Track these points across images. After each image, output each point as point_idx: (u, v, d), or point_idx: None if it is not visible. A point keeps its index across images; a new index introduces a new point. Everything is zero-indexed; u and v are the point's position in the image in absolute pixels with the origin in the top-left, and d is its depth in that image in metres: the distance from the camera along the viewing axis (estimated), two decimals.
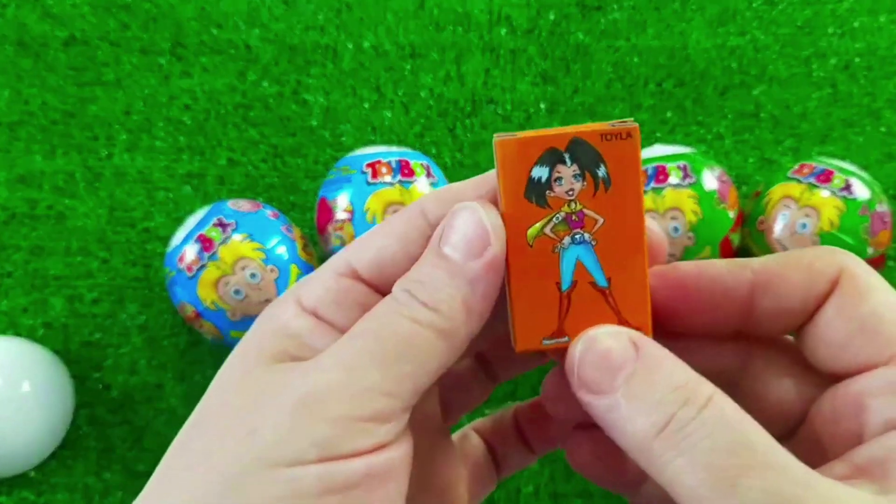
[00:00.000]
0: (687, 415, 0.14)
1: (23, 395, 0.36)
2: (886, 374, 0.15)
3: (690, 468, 0.13)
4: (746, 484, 0.12)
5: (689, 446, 0.13)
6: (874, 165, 0.45)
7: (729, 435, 0.13)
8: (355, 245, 0.17)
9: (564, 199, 0.16)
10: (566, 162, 0.16)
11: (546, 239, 0.16)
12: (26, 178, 0.44)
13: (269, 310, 0.17)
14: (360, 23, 0.47)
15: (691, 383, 0.14)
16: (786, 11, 0.48)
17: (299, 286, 0.17)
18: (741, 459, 0.13)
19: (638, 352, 0.15)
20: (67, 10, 0.47)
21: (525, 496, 0.39)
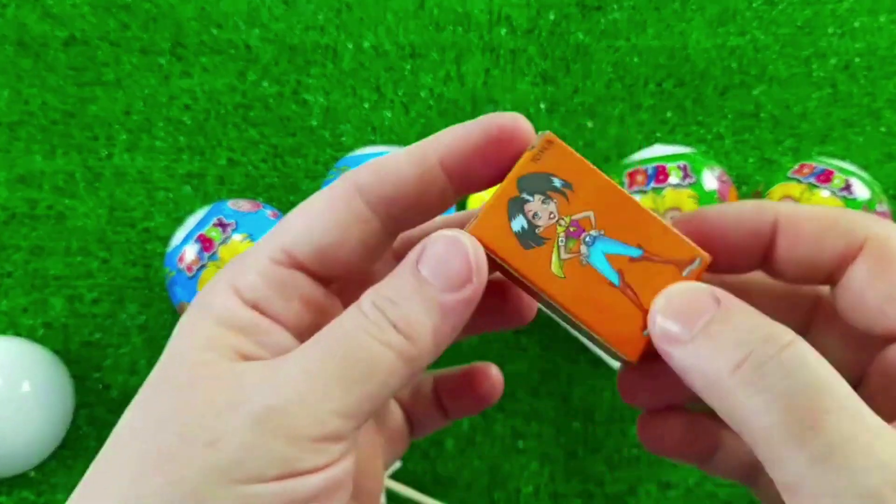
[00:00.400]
0: (767, 353, 0.13)
1: (23, 395, 0.36)
2: (860, 266, 0.15)
3: (766, 407, 0.13)
4: (824, 427, 0.12)
5: (768, 385, 0.13)
6: (874, 165, 0.45)
7: (809, 377, 0.13)
8: (288, 227, 0.17)
9: (553, 224, 0.17)
10: (529, 199, 0.17)
11: (569, 262, 0.17)
12: (26, 178, 0.44)
13: (205, 297, 0.17)
14: (360, 23, 0.47)
15: (772, 327, 0.14)
16: (786, 11, 0.48)
17: (232, 273, 0.17)
18: (820, 403, 0.13)
19: (719, 302, 0.15)
20: (67, 10, 0.47)
21: (525, 496, 0.39)
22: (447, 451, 0.39)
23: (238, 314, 0.16)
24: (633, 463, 0.39)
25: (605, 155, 0.45)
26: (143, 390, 0.16)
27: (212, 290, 0.17)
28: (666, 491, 0.39)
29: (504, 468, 0.39)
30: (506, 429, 0.40)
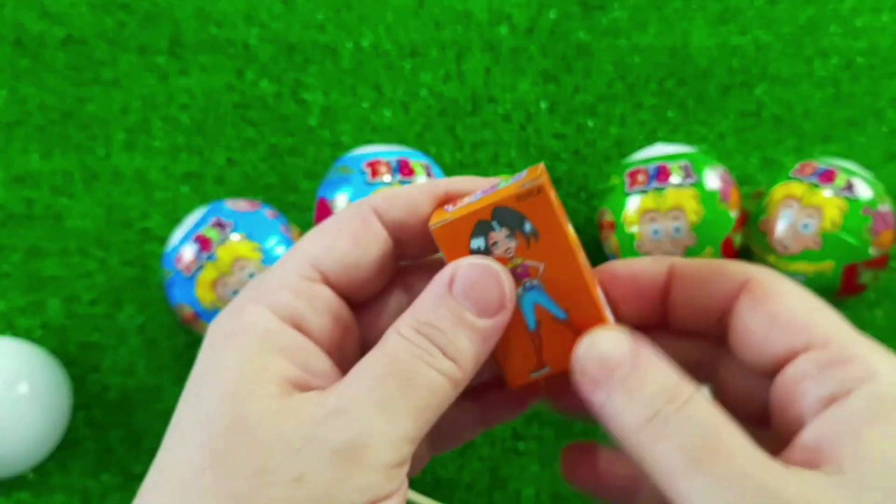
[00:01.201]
0: (671, 409, 0.16)
1: (20, 396, 0.36)
2: (807, 359, 0.16)
3: (670, 452, 0.15)
4: (716, 462, 0.15)
5: (671, 435, 0.16)
6: (877, 165, 0.45)
7: (702, 426, 0.15)
8: (310, 245, 0.18)
9: (506, 257, 0.18)
10: (496, 228, 0.18)
11: None
12: (23, 177, 0.43)
13: (239, 319, 0.17)
14: (359, 21, 0.47)
15: (676, 385, 0.16)
16: (788, 10, 0.48)
17: (260, 293, 0.17)
18: (714, 444, 0.15)
19: (633, 353, 0.17)
20: (65, 8, 0.47)
21: (526, 498, 0.39)
22: (447, 453, 0.39)
23: (281, 336, 0.17)
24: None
25: (606, 154, 0.45)
26: (195, 429, 0.16)
27: (242, 311, 0.17)
28: None
29: (504, 470, 0.39)
30: (506, 430, 0.40)
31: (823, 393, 0.16)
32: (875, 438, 0.15)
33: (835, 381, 0.16)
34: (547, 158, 0.45)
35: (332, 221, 0.18)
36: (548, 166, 0.45)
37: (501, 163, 0.45)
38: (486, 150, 0.45)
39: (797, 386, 0.16)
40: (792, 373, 0.16)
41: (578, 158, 0.45)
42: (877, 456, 0.14)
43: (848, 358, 0.16)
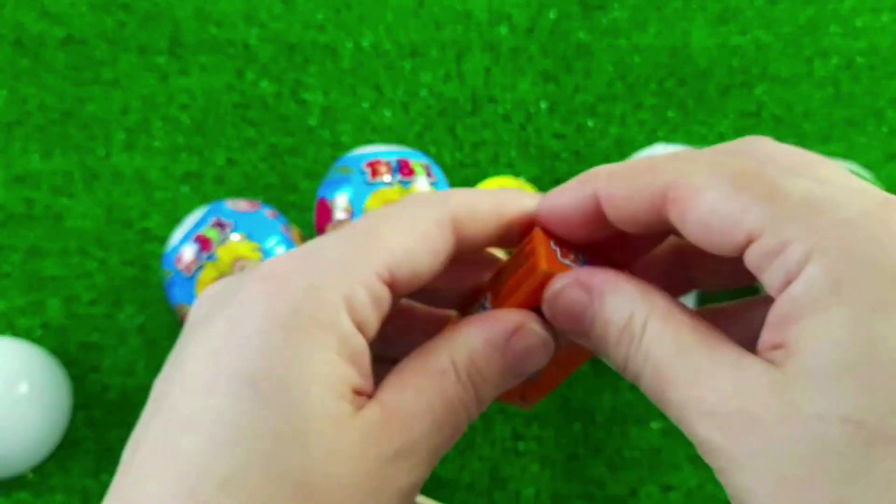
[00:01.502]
0: (632, 350, 0.17)
1: (20, 396, 0.36)
2: (751, 253, 0.16)
3: (647, 390, 0.17)
4: (672, 398, 0.16)
5: (638, 374, 0.17)
6: (876, 165, 0.45)
7: (656, 362, 0.17)
8: (390, 244, 0.17)
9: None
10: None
11: None
12: (24, 177, 0.43)
13: (319, 310, 0.16)
14: (359, 21, 0.47)
15: (631, 316, 0.17)
16: (787, 10, 0.48)
17: (343, 283, 0.16)
18: (666, 378, 0.16)
19: (591, 295, 0.18)
20: (65, 8, 0.47)
21: (525, 498, 0.39)
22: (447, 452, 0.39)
23: (355, 342, 0.16)
24: (634, 465, 0.39)
25: (606, 154, 0.45)
26: (253, 438, 0.15)
27: (324, 301, 0.16)
28: (667, 493, 0.39)
29: (504, 470, 0.39)
30: (506, 431, 0.40)
31: (777, 281, 0.16)
32: (814, 328, 0.15)
33: (781, 269, 0.15)
34: (547, 158, 0.45)
35: (412, 218, 0.18)
36: (548, 166, 0.45)
37: (501, 163, 0.45)
38: (486, 149, 0.45)
39: (760, 276, 0.16)
40: (749, 266, 0.16)
41: (578, 158, 0.45)
42: (816, 351, 0.15)
43: (785, 242, 0.15)
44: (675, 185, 0.17)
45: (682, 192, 0.17)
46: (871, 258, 0.15)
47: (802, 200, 0.16)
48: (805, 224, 0.15)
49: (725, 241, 0.16)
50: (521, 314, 0.18)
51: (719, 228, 0.16)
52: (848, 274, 0.15)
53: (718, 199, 0.16)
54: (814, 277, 0.15)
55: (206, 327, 0.16)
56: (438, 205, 0.18)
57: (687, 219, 0.17)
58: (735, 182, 0.16)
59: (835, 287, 0.15)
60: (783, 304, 0.15)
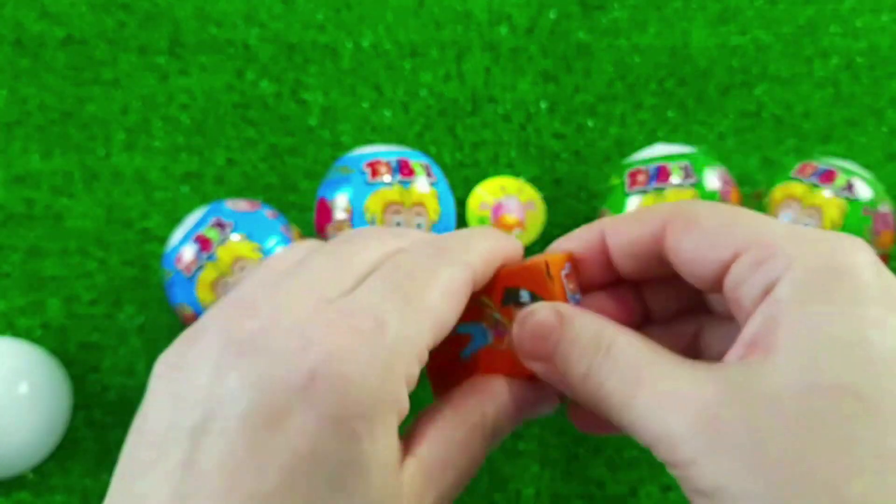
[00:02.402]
0: (599, 358, 0.18)
1: (20, 396, 0.36)
2: (736, 267, 0.18)
3: (609, 394, 0.18)
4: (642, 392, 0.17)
5: (603, 381, 0.18)
6: (877, 165, 0.45)
7: (625, 365, 0.17)
8: (437, 315, 0.18)
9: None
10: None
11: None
12: (23, 177, 0.43)
13: (391, 393, 0.16)
14: (359, 21, 0.47)
15: (598, 334, 0.18)
16: (787, 10, 0.48)
17: (408, 363, 0.17)
18: (635, 378, 0.17)
19: (560, 319, 0.19)
20: (65, 8, 0.47)
21: (525, 498, 0.39)
22: None
23: (404, 402, 0.17)
24: (634, 465, 0.39)
25: (606, 154, 0.45)
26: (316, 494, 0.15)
27: (395, 384, 0.16)
28: (667, 493, 0.39)
29: (504, 470, 0.39)
30: None
31: (756, 292, 0.17)
32: (798, 318, 0.15)
33: (762, 279, 0.17)
34: (547, 158, 0.45)
35: (445, 279, 0.19)
36: (548, 166, 0.45)
37: (501, 163, 0.45)
38: (486, 150, 0.45)
39: (736, 292, 0.17)
40: (730, 282, 0.18)
41: (578, 158, 0.45)
42: (800, 333, 0.15)
43: (770, 254, 0.17)
44: (675, 213, 0.19)
45: (681, 218, 0.19)
46: (844, 267, 0.16)
47: (785, 227, 0.18)
48: (787, 241, 0.17)
49: (714, 260, 0.18)
50: (546, 387, 0.20)
51: (710, 246, 0.18)
52: (824, 278, 0.16)
53: (712, 222, 0.18)
54: (795, 280, 0.16)
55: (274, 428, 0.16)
56: (465, 266, 0.19)
57: (682, 241, 0.19)
58: (728, 212, 0.18)
59: (815, 287, 0.16)
60: (765, 310, 0.16)
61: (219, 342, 0.17)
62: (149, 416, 0.17)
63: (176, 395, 0.17)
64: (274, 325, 0.16)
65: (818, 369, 0.15)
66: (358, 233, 0.20)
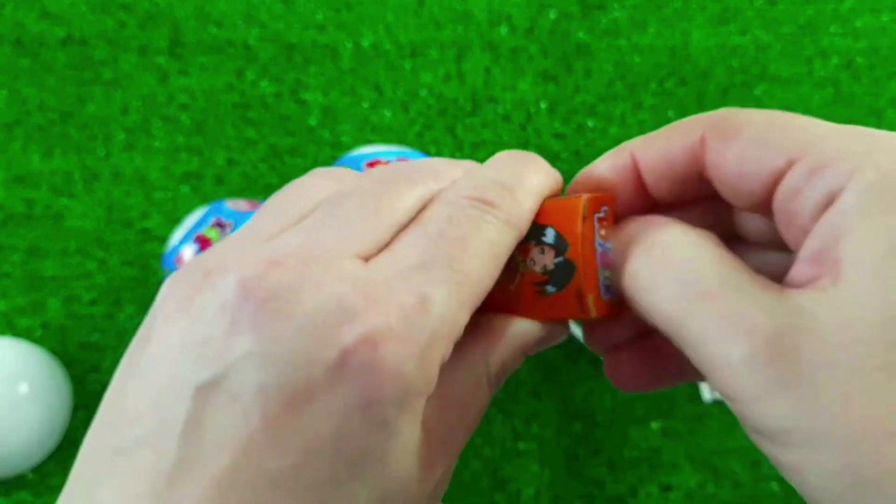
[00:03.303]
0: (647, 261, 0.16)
1: (20, 396, 0.36)
2: (791, 175, 0.15)
3: (664, 304, 0.16)
4: (699, 314, 0.15)
5: (660, 286, 0.16)
6: None
7: (682, 275, 0.16)
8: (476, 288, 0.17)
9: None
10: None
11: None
12: (24, 178, 0.43)
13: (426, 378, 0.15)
14: (359, 21, 0.47)
15: (647, 226, 0.17)
16: (787, 10, 0.48)
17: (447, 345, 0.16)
18: (696, 293, 0.15)
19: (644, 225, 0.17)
20: (65, 9, 0.47)
21: (525, 498, 0.39)
22: None
23: (434, 383, 0.16)
24: (634, 465, 0.39)
25: None
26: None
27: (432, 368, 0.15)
28: (667, 493, 0.39)
29: (504, 470, 0.39)
30: (506, 430, 0.40)
31: (816, 201, 0.15)
32: (870, 232, 0.14)
33: (823, 186, 0.15)
34: (547, 158, 0.45)
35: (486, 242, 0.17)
36: None
37: None
38: (486, 149, 0.45)
39: (791, 205, 0.16)
40: (783, 194, 0.16)
41: (578, 158, 0.45)
42: (874, 251, 0.14)
43: (830, 159, 0.15)
44: (715, 122, 0.17)
45: (722, 126, 0.17)
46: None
47: (836, 131, 0.15)
48: (845, 145, 0.15)
49: (763, 169, 0.16)
50: (552, 327, 0.18)
51: (758, 158, 0.16)
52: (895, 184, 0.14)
53: (758, 131, 0.16)
54: (862, 187, 0.14)
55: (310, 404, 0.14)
56: (514, 229, 0.17)
57: (726, 152, 0.16)
58: (773, 119, 0.16)
59: (887, 193, 0.14)
60: (828, 221, 0.14)
61: (237, 291, 0.14)
62: (143, 363, 0.15)
63: (182, 343, 0.14)
64: (304, 285, 0.14)
65: (894, 299, 0.13)
66: (396, 171, 0.18)
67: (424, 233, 0.16)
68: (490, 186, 0.17)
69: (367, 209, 0.16)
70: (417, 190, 0.17)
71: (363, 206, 0.17)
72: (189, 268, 0.16)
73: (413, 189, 0.17)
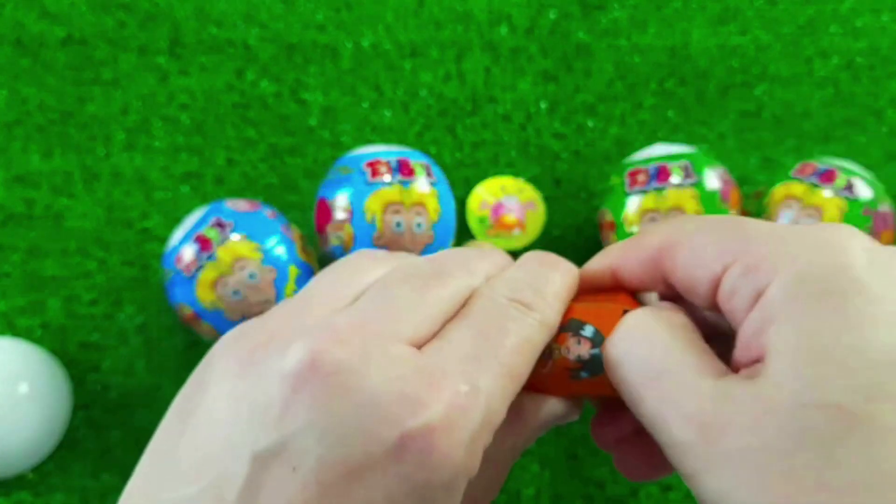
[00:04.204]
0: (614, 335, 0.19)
1: (20, 396, 0.36)
2: (726, 279, 0.18)
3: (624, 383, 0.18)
4: (650, 394, 0.17)
5: (623, 363, 0.18)
6: (876, 165, 0.45)
7: (643, 354, 0.18)
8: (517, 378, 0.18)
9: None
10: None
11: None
12: (23, 177, 0.43)
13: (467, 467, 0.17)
14: (359, 21, 0.47)
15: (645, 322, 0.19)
16: (787, 10, 0.48)
17: (488, 434, 0.17)
18: (652, 373, 0.17)
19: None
20: (65, 8, 0.47)
21: (526, 498, 0.39)
22: None
23: (478, 466, 0.18)
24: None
25: (607, 154, 0.45)
26: None
27: (474, 458, 0.17)
28: (667, 493, 0.39)
29: None
30: None
31: (747, 297, 0.17)
32: (788, 322, 0.15)
33: (752, 285, 0.17)
34: (547, 158, 0.45)
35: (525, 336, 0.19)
36: (548, 166, 0.45)
37: (501, 163, 0.45)
38: (486, 149, 0.45)
39: (729, 303, 0.18)
40: (722, 294, 0.18)
41: (578, 158, 0.45)
42: (790, 342, 0.15)
43: (757, 260, 0.17)
44: (667, 235, 0.20)
45: (672, 239, 0.19)
46: (833, 264, 0.16)
47: (772, 229, 0.18)
48: (771, 248, 0.17)
49: (704, 276, 0.18)
50: (573, 406, 0.21)
51: (700, 263, 0.18)
52: (813, 278, 0.16)
53: (700, 239, 0.19)
54: (783, 283, 0.16)
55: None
56: (546, 327, 0.19)
57: (675, 261, 0.19)
58: (716, 224, 0.19)
59: (804, 288, 0.16)
60: (756, 315, 0.16)
61: (303, 361, 0.15)
62: (198, 418, 0.15)
63: (242, 405, 0.15)
64: (367, 366, 0.15)
65: (809, 385, 0.14)
66: (437, 262, 0.19)
67: (473, 326, 0.18)
68: (526, 290, 0.19)
69: (417, 297, 0.18)
70: (456, 283, 0.19)
71: (413, 292, 0.18)
72: (250, 328, 0.17)
73: (453, 281, 0.19)
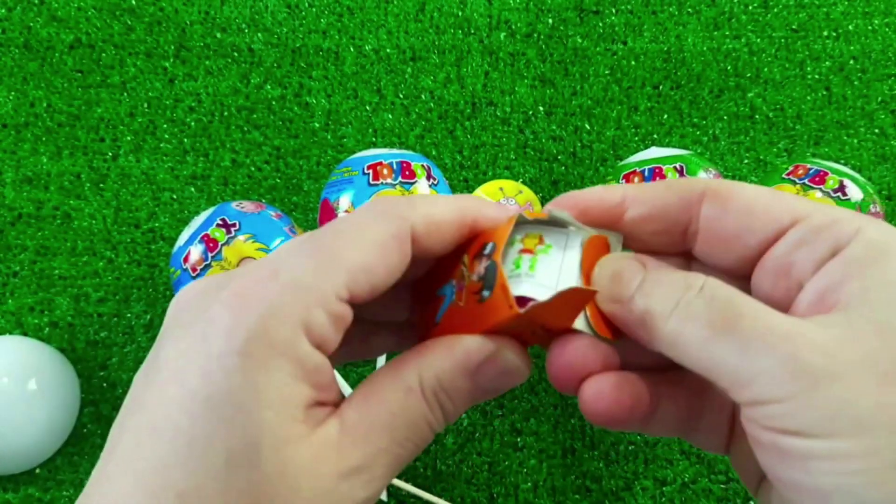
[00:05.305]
0: (690, 296, 0.17)
1: (29, 393, 0.36)
2: (797, 231, 0.17)
3: (699, 328, 0.17)
4: (741, 326, 0.16)
5: (696, 314, 0.17)
6: (867, 167, 0.45)
7: (722, 301, 0.17)
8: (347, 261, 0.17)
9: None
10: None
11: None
12: (33, 179, 0.44)
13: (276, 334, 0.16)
14: (361, 26, 0.47)
15: (688, 276, 0.18)
16: (780, 15, 0.48)
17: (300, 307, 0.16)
18: (734, 313, 0.16)
19: (646, 265, 0.19)
20: (73, 13, 0.47)
21: (524, 492, 0.39)
22: (447, 446, 0.40)
23: (313, 360, 0.17)
24: (630, 459, 0.39)
25: (602, 157, 0.45)
26: (208, 455, 0.15)
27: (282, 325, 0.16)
28: (662, 487, 0.39)
29: (503, 464, 0.39)
30: (504, 425, 0.40)
31: (821, 252, 0.17)
32: (876, 276, 0.16)
33: (829, 240, 0.17)
34: (545, 160, 0.45)
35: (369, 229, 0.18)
36: (545, 168, 0.45)
37: (500, 165, 0.45)
38: (486, 152, 0.45)
39: (789, 258, 0.17)
40: (783, 247, 0.17)
41: (575, 160, 0.45)
42: (880, 291, 0.15)
43: (835, 221, 0.17)
44: (716, 186, 0.19)
45: (723, 190, 0.18)
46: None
47: (827, 204, 0.17)
48: (843, 213, 0.17)
49: (768, 221, 0.17)
50: (495, 343, 0.18)
51: (764, 210, 0.18)
52: (887, 244, 0.16)
53: (759, 194, 0.18)
54: (870, 239, 0.16)
55: (177, 340, 0.16)
56: (398, 219, 0.18)
57: (729, 206, 0.18)
58: (768, 189, 0.18)
59: (885, 252, 0.16)
60: (836, 268, 0.16)
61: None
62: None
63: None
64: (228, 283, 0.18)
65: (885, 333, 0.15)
66: None
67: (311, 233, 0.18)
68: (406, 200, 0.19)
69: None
70: None
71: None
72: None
73: None
